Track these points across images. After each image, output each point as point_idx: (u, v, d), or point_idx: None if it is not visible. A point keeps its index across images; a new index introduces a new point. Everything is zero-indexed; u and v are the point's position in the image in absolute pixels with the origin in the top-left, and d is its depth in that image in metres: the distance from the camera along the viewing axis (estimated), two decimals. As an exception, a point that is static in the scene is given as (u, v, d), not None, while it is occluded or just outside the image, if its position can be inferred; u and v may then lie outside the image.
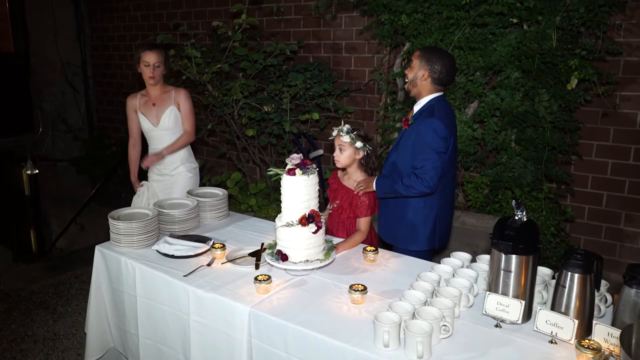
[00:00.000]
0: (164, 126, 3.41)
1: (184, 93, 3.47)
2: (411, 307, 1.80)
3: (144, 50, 3.34)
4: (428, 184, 2.49)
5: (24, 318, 3.54)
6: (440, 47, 2.77)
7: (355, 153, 2.69)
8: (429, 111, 2.58)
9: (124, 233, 2.57)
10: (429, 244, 2.72)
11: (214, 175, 5.19)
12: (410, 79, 2.66)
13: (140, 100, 3.47)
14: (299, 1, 4.84)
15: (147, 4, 6.17)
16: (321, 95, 4.38)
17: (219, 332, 2.12)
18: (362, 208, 2.69)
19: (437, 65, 2.57)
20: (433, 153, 2.50)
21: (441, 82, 2.61)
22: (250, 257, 2.43)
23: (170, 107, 3.40)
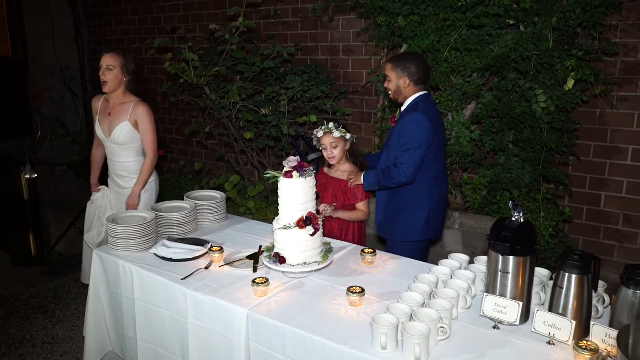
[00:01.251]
0: (115, 140, 3.19)
1: (142, 109, 3.17)
2: (409, 309, 1.80)
3: (103, 54, 3.19)
4: (405, 174, 2.66)
5: (22, 322, 3.54)
6: (406, 51, 2.99)
7: (345, 145, 2.90)
8: (413, 107, 2.75)
9: (122, 237, 2.57)
10: (424, 234, 2.87)
11: (212, 178, 5.19)
12: (393, 90, 2.83)
13: (102, 105, 3.30)
14: (297, 4, 4.84)
15: (145, 7, 6.18)
16: (319, 98, 4.39)
17: (217, 335, 2.12)
18: (358, 194, 2.89)
19: (412, 68, 2.75)
20: (413, 145, 2.66)
21: (422, 81, 2.79)
22: (248, 259, 2.43)
23: (124, 123, 3.15)
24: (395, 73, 2.77)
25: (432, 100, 2.89)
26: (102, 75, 3.12)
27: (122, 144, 3.19)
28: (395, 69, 2.77)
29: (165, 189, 5.57)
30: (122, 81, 3.16)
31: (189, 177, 5.76)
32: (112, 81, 3.12)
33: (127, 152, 3.24)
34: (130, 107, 3.17)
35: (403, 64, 2.75)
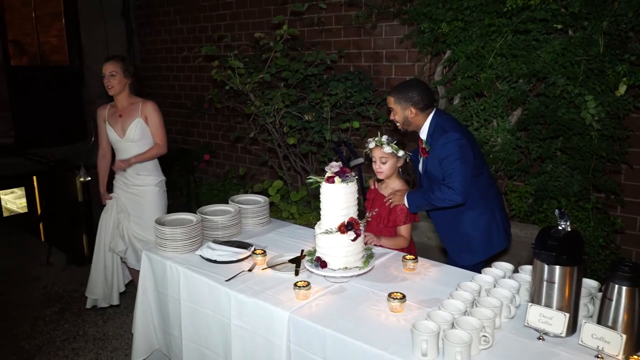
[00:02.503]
0: (130, 138, 3.41)
1: (151, 105, 3.48)
2: (450, 317, 1.79)
3: (103, 63, 3.43)
4: (459, 191, 2.53)
5: (76, 318, 3.70)
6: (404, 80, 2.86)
7: (396, 162, 2.74)
8: (438, 130, 2.62)
9: (169, 238, 2.66)
10: (486, 253, 2.74)
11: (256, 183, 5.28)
12: (401, 122, 2.71)
13: (109, 111, 3.50)
14: (340, 11, 4.89)
15: (193, 17, 6.37)
16: (362, 104, 4.40)
17: (259, 337, 2.16)
18: (401, 216, 2.72)
19: (415, 97, 2.62)
20: (456, 162, 2.54)
21: (428, 105, 2.66)
22: (290, 263, 2.47)
23: (136, 119, 3.41)
24: (400, 105, 2.66)
25: (446, 114, 2.76)
26: (107, 82, 3.38)
27: (136, 141, 3.42)
28: (398, 101, 2.66)
29: (211, 192, 5.72)
30: (125, 84, 3.42)
31: (234, 181, 5.88)
32: (116, 85, 3.38)
33: (141, 148, 3.45)
34: (139, 105, 3.45)
35: (404, 95, 2.64)
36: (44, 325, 3.61)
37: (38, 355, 3.25)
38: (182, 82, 6.77)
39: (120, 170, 3.47)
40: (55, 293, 4.11)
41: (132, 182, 3.50)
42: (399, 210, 2.72)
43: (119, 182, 3.56)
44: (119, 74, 3.38)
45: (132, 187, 3.51)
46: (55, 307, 3.87)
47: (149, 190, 3.52)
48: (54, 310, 3.82)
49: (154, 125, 3.47)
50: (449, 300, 1.94)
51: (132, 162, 3.43)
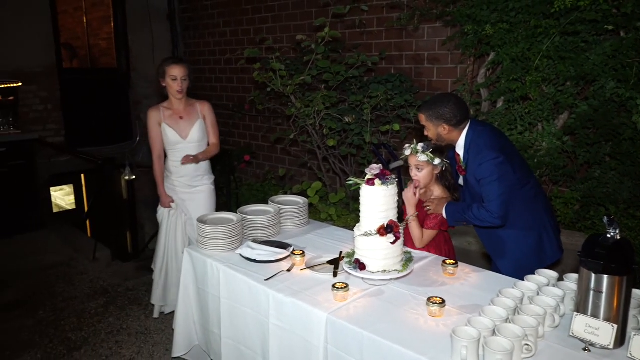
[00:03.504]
0: (192, 139, 3.45)
1: (208, 105, 3.55)
2: (491, 324, 1.75)
3: (170, 64, 3.37)
4: (498, 214, 2.45)
5: (120, 312, 3.82)
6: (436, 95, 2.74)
7: (433, 170, 2.70)
8: (474, 148, 2.54)
9: (210, 237, 2.71)
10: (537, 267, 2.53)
11: (295, 184, 5.32)
12: (435, 139, 2.63)
13: (165, 113, 3.45)
14: (382, 13, 4.87)
15: (236, 20, 6.48)
16: (402, 107, 4.37)
17: (296, 337, 2.17)
18: (433, 221, 2.68)
19: (448, 114, 2.52)
20: (494, 183, 2.44)
21: (462, 120, 2.55)
22: (328, 264, 2.47)
23: (198, 121, 3.47)
24: (431, 123, 2.56)
25: (480, 126, 2.61)
26: (178, 85, 3.35)
27: (197, 142, 3.46)
28: (429, 119, 2.56)
29: (250, 193, 5.79)
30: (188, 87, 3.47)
31: (273, 182, 5.94)
32: (185, 88, 3.42)
33: (200, 149, 3.48)
34: (197, 106, 3.52)
35: (436, 112, 2.53)
36: (89, 318, 3.74)
37: (84, 347, 3.37)
38: (224, 84, 6.89)
39: (189, 164, 3.41)
40: (101, 287, 4.25)
41: (191, 183, 3.52)
42: (433, 216, 2.69)
43: (180, 186, 3.52)
44: (187, 78, 3.41)
45: (192, 188, 3.52)
46: (101, 301, 4.00)
47: (206, 190, 3.58)
48: (100, 304, 3.95)
49: (211, 125, 3.54)
50: (490, 306, 1.90)
51: (200, 159, 3.43)
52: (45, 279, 4.40)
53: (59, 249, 5.11)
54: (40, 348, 3.36)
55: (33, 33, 6.14)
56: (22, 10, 6.01)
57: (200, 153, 3.44)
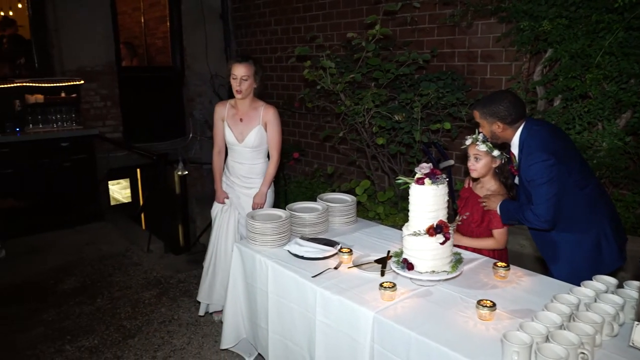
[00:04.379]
0: (248, 144, 3.33)
1: (273, 112, 3.34)
2: (544, 329, 1.70)
3: (233, 63, 3.26)
4: (545, 218, 2.39)
5: (171, 303, 3.95)
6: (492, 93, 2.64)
7: (491, 162, 2.66)
8: (526, 148, 2.47)
9: (259, 232, 2.76)
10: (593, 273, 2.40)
11: (343, 182, 5.32)
12: (489, 136, 2.59)
13: (229, 112, 3.39)
14: (434, 10, 4.79)
15: (287, 18, 6.54)
16: (454, 105, 4.29)
17: (343, 334, 2.18)
18: (496, 219, 2.62)
19: (502, 112, 2.46)
20: (542, 186, 2.37)
21: (517, 119, 2.49)
22: (376, 263, 2.47)
23: (257, 127, 3.31)
24: (485, 120, 2.52)
25: (536, 124, 2.53)
26: (237, 85, 3.22)
27: (254, 147, 3.35)
28: (484, 116, 2.52)
29: (298, 190, 5.84)
30: (252, 88, 3.30)
31: (321, 180, 5.97)
32: (246, 90, 3.25)
33: (257, 154, 3.39)
34: (261, 111, 3.34)
35: (490, 109, 2.49)
36: (143, 308, 3.88)
37: (138, 335, 3.50)
38: (274, 81, 6.97)
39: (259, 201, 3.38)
40: (154, 278, 4.40)
41: (246, 184, 3.43)
42: (494, 214, 2.63)
43: (234, 185, 3.46)
44: (250, 78, 3.24)
45: (248, 189, 3.43)
46: (154, 291, 4.14)
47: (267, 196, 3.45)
48: (153, 294, 4.09)
49: (272, 135, 3.35)
50: (543, 312, 1.84)
51: (265, 191, 3.39)
52: (103, 269, 4.60)
53: (115, 240, 5.33)
54: (97, 334, 3.52)
55: (95, 33, 6.42)
56: (85, 12, 6.29)
57: (263, 185, 3.38)
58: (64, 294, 4.12)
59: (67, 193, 5.57)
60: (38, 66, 6.19)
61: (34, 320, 3.70)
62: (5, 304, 3.95)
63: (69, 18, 6.21)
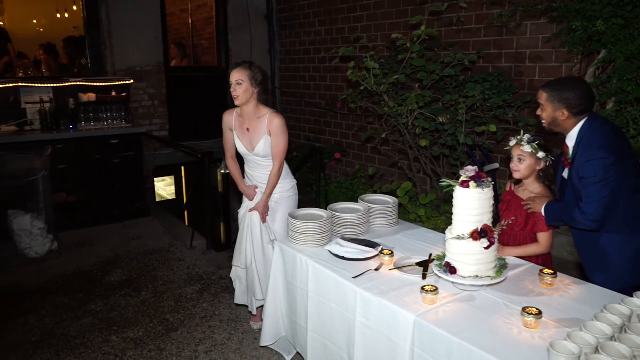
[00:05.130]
0: (259, 153, 3.24)
1: (277, 121, 3.18)
2: (594, 340, 1.64)
3: (231, 69, 3.17)
4: (593, 218, 2.31)
5: (213, 299, 4.03)
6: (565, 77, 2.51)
7: (535, 164, 2.59)
8: (585, 142, 2.37)
9: (301, 232, 2.77)
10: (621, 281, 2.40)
11: (385, 184, 5.29)
12: (548, 122, 2.48)
13: (237, 121, 3.30)
14: (481, 10, 4.70)
15: (331, 19, 6.56)
16: (500, 107, 4.20)
17: (382, 337, 2.17)
18: (541, 222, 2.55)
19: (572, 100, 2.35)
20: (596, 185, 2.29)
21: (584, 111, 2.38)
22: (417, 266, 2.44)
23: (264, 137, 3.19)
24: (552, 104, 2.42)
25: (601, 122, 2.43)
26: (232, 91, 3.12)
27: (265, 156, 3.26)
28: (551, 100, 2.42)
29: (339, 190, 5.85)
30: (252, 93, 3.15)
31: (362, 181, 5.95)
32: (242, 94, 3.12)
33: (269, 162, 3.28)
34: (266, 120, 3.20)
35: (561, 94, 2.39)
36: (186, 302, 3.97)
37: (180, 329, 3.59)
38: (317, 82, 7.00)
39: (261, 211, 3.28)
40: (196, 274, 4.50)
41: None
42: (540, 215, 2.56)
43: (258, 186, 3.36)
44: (245, 82, 3.10)
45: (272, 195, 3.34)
46: (196, 287, 4.24)
47: (284, 197, 3.37)
48: (195, 290, 4.18)
49: (275, 144, 3.21)
50: (592, 322, 1.78)
51: (267, 199, 3.30)
52: (148, 263, 4.74)
53: (160, 236, 5.48)
54: (142, 326, 3.63)
55: (145, 35, 6.62)
56: (137, 14, 6.50)
57: (265, 194, 3.27)
58: (111, 286, 4.27)
59: (116, 189, 5.77)
60: (91, 66, 6.44)
61: (83, 311, 3.85)
62: (58, 294, 4.12)
63: (121, 20, 6.43)
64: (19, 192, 4.79)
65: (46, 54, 6.87)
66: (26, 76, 6.04)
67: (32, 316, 3.76)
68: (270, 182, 3.28)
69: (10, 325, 3.65)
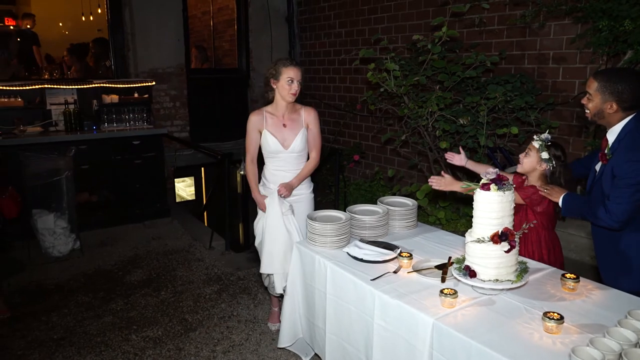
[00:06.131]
0: (295, 149, 3.23)
1: (314, 113, 3.28)
2: (618, 347, 1.61)
3: (288, 65, 3.14)
4: (618, 218, 2.23)
5: (231, 299, 4.05)
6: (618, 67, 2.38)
7: (537, 162, 2.58)
8: (629, 140, 2.27)
9: (319, 233, 2.77)
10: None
11: (404, 186, 5.26)
12: (593, 112, 2.37)
13: (269, 120, 3.25)
14: (503, 11, 4.65)
15: (352, 21, 6.55)
16: (522, 109, 4.14)
17: (400, 339, 2.15)
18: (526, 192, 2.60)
19: (625, 93, 2.24)
20: (630, 187, 2.20)
21: (634, 106, 2.27)
22: (436, 269, 2.42)
23: (302, 130, 3.23)
24: (601, 95, 2.30)
25: None
26: (293, 88, 3.13)
27: (299, 152, 3.26)
28: (602, 90, 2.30)
29: (358, 192, 5.83)
30: None
31: (381, 182, 5.93)
32: (298, 93, 3.18)
33: (302, 158, 3.30)
34: (302, 114, 3.28)
35: (614, 86, 2.26)
36: (204, 302, 4.00)
37: (199, 329, 3.61)
38: (337, 83, 7.00)
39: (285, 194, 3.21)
40: (215, 274, 4.53)
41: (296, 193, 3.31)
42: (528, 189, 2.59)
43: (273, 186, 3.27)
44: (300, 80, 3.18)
45: (296, 196, 3.31)
46: (215, 287, 4.26)
47: (304, 199, 3.36)
48: (214, 290, 4.21)
49: (314, 136, 3.29)
50: (616, 327, 1.74)
51: (294, 186, 3.26)
52: (168, 263, 4.79)
53: (180, 236, 5.53)
54: (161, 325, 3.66)
55: (167, 37, 6.71)
56: (159, 17, 6.60)
57: (295, 179, 3.25)
58: (131, 285, 4.32)
59: (137, 189, 5.84)
60: (114, 68, 6.55)
61: (103, 309, 3.91)
62: (79, 292, 4.19)
63: (143, 22, 6.53)
64: (43, 192, 4.87)
65: (70, 56, 7.01)
66: (51, 78, 6.17)
67: (54, 314, 3.83)
68: (305, 170, 3.30)
69: (34, 322, 3.72)
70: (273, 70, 3.19)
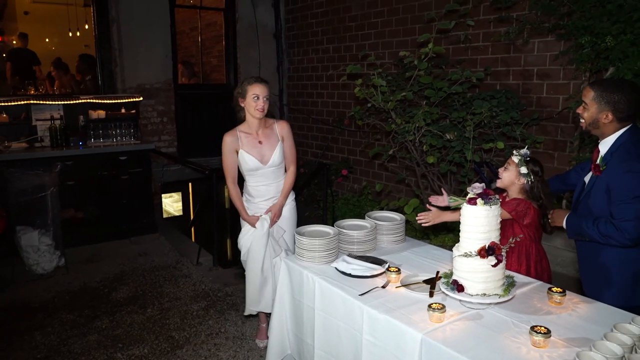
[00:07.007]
0: (273, 163, 3.30)
1: (287, 126, 3.38)
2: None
3: (252, 83, 3.22)
4: (630, 236, 2.19)
5: (219, 316, 4.00)
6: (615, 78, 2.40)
7: (515, 177, 2.63)
8: (623, 151, 2.27)
9: (307, 248, 2.76)
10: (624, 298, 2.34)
11: (392, 200, 5.28)
12: (588, 122, 2.38)
13: (244, 139, 3.29)
14: (488, 28, 4.73)
15: (339, 37, 6.62)
16: (508, 124, 4.19)
17: (389, 354, 2.14)
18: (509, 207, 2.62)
19: (621, 104, 2.25)
20: (635, 200, 2.18)
21: (630, 117, 2.28)
22: (424, 284, 2.42)
23: (278, 144, 3.31)
24: (597, 104, 2.30)
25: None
26: (260, 105, 3.19)
27: (277, 165, 3.33)
28: (598, 100, 2.30)
29: (346, 207, 5.83)
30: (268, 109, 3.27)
31: (369, 197, 5.94)
32: (266, 109, 3.24)
33: (280, 170, 3.37)
34: (275, 127, 3.37)
35: (610, 95, 2.26)
36: (191, 319, 3.95)
37: (186, 346, 3.57)
38: (325, 99, 7.04)
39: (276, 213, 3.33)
40: (202, 291, 4.48)
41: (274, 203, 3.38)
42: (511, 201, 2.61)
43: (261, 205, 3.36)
44: (268, 98, 3.25)
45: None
46: (202, 304, 4.22)
47: (290, 208, 3.46)
48: (201, 306, 4.17)
49: (288, 148, 3.38)
50: (602, 341, 1.75)
51: (283, 204, 3.37)
52: (154, 279, 4.73)
53: (167, 252, 5.48)
54: (147, 343, 3.61)
55: (155, 52, 6.72)
56: (147, 32, 6.61)
57: (280, 197, 3.35)
58: (117, 302, 4.26)
59: (124, 205, 5.79)
60: (102, 83, 6.53)
61: (88, 327, 3.84)
62: (64, 310, 4.12)
63: (131, 38, 6.53)
64: (28, 208, 4.81)
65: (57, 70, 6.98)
66: (37, 93, 6.13)
67: (38, 332, 3.76)
68: (287, 186, 3.40)
69: (16, 341, 3.64)
70: (240, 89, 3.29)
